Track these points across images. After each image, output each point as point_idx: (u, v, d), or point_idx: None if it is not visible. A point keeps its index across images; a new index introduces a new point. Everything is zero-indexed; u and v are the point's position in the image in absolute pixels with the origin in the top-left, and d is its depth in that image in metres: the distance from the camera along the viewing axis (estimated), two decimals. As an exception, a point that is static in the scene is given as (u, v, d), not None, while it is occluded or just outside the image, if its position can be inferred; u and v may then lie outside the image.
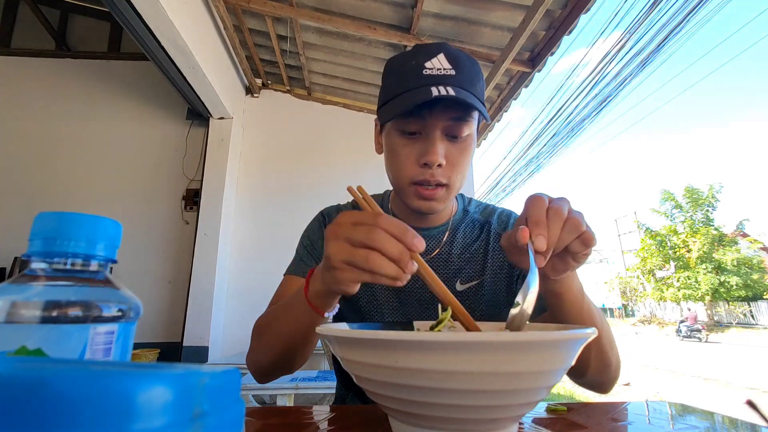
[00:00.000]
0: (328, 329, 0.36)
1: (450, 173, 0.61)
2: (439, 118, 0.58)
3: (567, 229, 0.41)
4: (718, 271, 17.24)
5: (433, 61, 0.58)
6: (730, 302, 17.55)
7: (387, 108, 0.61)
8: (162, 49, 2.06)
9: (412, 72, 0.59)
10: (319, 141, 3.27)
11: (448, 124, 0.59)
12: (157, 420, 0.12)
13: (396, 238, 0.38)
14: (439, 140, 0.59)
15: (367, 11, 2.40)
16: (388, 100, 0.62)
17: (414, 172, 0.61)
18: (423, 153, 0.59)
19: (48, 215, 0.24)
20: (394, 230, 0.38)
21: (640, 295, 23.73)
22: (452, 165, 0.61)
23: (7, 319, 0.21)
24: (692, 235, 17.98)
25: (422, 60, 0.58)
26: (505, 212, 0.77)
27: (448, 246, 0.71)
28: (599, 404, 0.52)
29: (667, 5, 4.14)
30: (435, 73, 0.57)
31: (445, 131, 0.60)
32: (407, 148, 0.61)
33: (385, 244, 0.37)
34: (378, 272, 0.38)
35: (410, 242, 0.38)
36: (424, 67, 0.58)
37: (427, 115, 0.58)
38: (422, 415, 0.32)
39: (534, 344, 0.29)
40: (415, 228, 0.71)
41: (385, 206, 0.77)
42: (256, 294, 2.84)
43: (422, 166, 0.60)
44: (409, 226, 0.38)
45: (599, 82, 5.01)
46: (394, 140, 0.63)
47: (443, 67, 0.58)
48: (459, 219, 0.75)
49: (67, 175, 3.07)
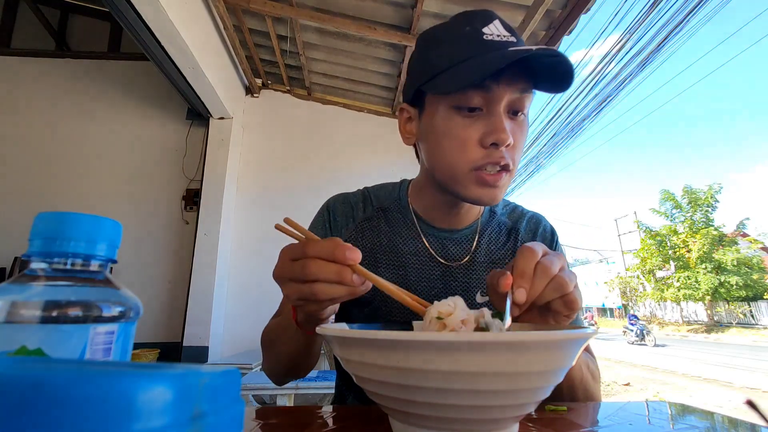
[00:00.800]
0: (328, 329, 0.36)
1: (513, 155, 0.53)
2: (506, 90, 0.51)
3: (551, 287, 0.40)
4: (718, 271, 17.24)
5: (491, 27, 0.52)
6: (730, 302, 17.55)
7: (443, 79, 0.52)
8: (162, 49, 2.06)
9: (470, 38, 0.52)
10: (319, 141, 3.27)
11: (514, 97, 0.52)
12: (157, 420, 0.12)
13: (328, 260, 0.37)
14: (505, 116, 0.52)
15: (367, 11, 2.40)
16: (439, 72, 0.53)
17: (477, 155, 0.52)
18: (490, 131, 0.51)
19: (48, 215, 0.24)
20: (324, 253, 0.37)
21: (640, 295, 23.74)
22: (515, 146, 0.53)
23: (7, 319, 0.21)
24: (692, 235, 17.98)
25: (478, 25, 0.52)
26: (536, 217, 0.71)
27: (474, 253, 0.65)
28: (599, 404, 0.52)
29: (667, 5, 4.14)
30: (496, 39, 0.51)
31: (509, 106, 0.53)
32: (469, 128, 0.52)
33: (321, 273, 0.37)
34: (330, 298, 0.38)
35: (343, 257, 0.37)
36: (483, 33, 0.51)
37: (494, 86, 0.50)
38: (423, 415, 0.32)
39: (536, 344, 0.29)
40: (438, 229, 0.66)
41: (402, 199, 0.69)
42: (256, 294, 2.84)
43: (489, 146, 0.52)
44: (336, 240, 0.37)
45: (599, 82, 5.01)
46: (449, 121, 0.54)
47: (502, 34, 0.52)
48: (486, 221, 0.68)
49: (67, 175, 3.08)
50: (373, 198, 0.70)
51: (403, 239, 0.65)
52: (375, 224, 0.67)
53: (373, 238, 0.66)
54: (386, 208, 0.69)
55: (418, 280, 0.63)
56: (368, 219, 0.68)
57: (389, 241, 0.65)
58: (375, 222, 0.67)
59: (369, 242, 0.65)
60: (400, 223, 0.67)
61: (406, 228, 0.66)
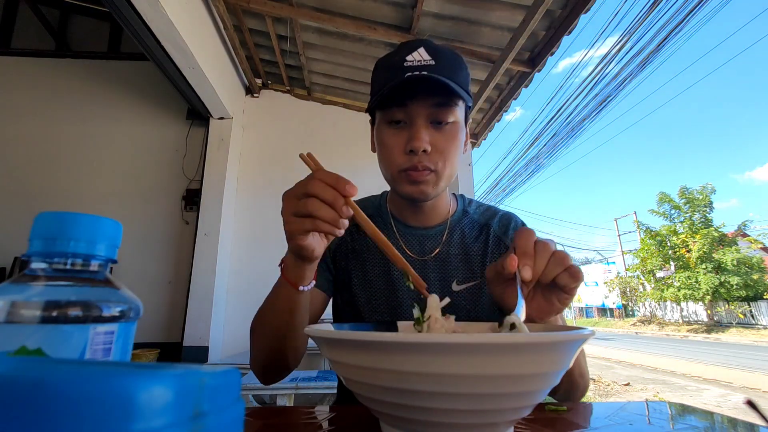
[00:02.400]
0: (314, 330, 0.35)
1: (437, 159, 0.62)
2: (421, 104, 0.60)
3: (554, 261, 0.42)
4: (718, 271, 17.23)
5: (414, 54, 0.61)
6: (730, 302, 17.54)
7: (373, 100, 0.64)
8: (162, 49, 2.06)
9: (394, 66, 0.61)
10: (320, 141, 3.27)
11: (430, 110, 0.61)
12: (157, 420, 0.12)
13: (330, 185, 0.43)
14: (423, 127, 0.61)
15: (367, 11, 2.40)
16: (375, 93, 0.64)
17: (401, 160, 0.62)
18: (408, 140, 0.61)
19: (48, 215, 0.24)
20: (328, 179, 0.43)
21: (640, 295, 23.72)
22: (439, 151, 0.62)
23: (7, 319, 0.21)
24: (692, 235, 17.98)
25: (404, 54, 0.61)
26: (507, 215, 0.76)
27: (446, 246, 0.71)
28: (599, 404, 0.52)
29: (667, 5, 4.14)
30: (415, 64, 0.60)
31: (429, 118, 0.62)
32: (394, 137, 0.63)
33: (319, 190, 0.43)
34: (316, 215, 0.43)
35: (342, 188, 0.43)
36: (405, 60, 0.61)
37: (409, 103, 0.60)
38: (414, 419, 0.31)
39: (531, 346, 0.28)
40: (413, 227, 0.73)
41: (382, 206, 0.77)
42: (256, 294, 2.83)
43: (408, 153, 0.61)
44: (342, 176, 0.43)
45: (599, 83, 5.01)
46: (382, 132, 0.64)
47: (423, 59, 0.60)
48: (458, 219, 0.75)
49: (67, 175, 3.07)
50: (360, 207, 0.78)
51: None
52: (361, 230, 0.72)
53: (360, 242, 0.74)
54: (370, 215, 0.76)
55: (400, 275, 0.70)
56: (356, 225, 0.74)
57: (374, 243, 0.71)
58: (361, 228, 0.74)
59: (357, 245, 0.73)
60: (381, 225, 0.74)
61: (386, 230, 0.73)
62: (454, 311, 0.68)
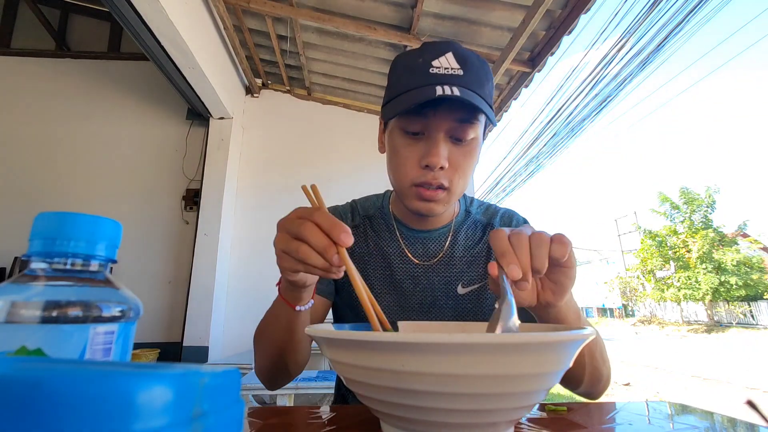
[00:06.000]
0: (314, 330, 0.36)
1: (452, 176, 0.59)
2: (444, 118, 0.56)
3: (534, 244, 0.40)
4: (718, 271, 17.22)
5: (441, 59, 0.56)
6: (730, 302, 17.53)
7: (391, 105, 0.59)
8: (162, 49, 2.06)
9: (418, 70, 0.56)
10: (319, 141, 3.27)
11: (452, 125, 0.57)
12: (156, 420, 0.12)
13: (325, 232, 0.40)
14: (443, 142, 0.57)
15: (367, 11, 2.40)
16: (392, 98, 0.59)
17: (415, 174, 0.59)
18: (425, 154, 0.57)
19: (48, 215, 0.24)
20: (324, 225, 0.40)
21: (640, 296, 23.71)
22: (455, 168, 0.59)
23: (7, 319, 0.21)
24: (692, 235, 17.97)
25: (429, 58, 0.56)
26: (508, 213, 0.75)
27: (450, 249, 0.70)
28: (599, 404, 0.52)
29: (667, 5, 4.14)
30: (442, 72, 0.55)
31: (449, 133, 0.58)
32: (409, 148, 0.59)
33: (312, 237, 0.40)
34: (306, 262, 0.40)
35: (337, 236, 0.39)
36: (431, 65, 0.56)
37: (431, 115, 0.56)
38: (414, 419, 0.31)
39: (531, 346, 0.28)
40: (416, 231, 0.71)
41: (384, 207, 0.75)
42: (256, 294, 2.84)
43: (424, 167, 0.58)
44: (339, 222, 0.40)
45: (599, 83, 5.01)
46: (396, 140, 0.61)
47: (451, 66, 0.56)
48: (461, 221, 0.73)
49: (67, 175, 3.07)
50: (360, 208, 0.77)
51: (386, 243, 0.71)
52: (362, 231, 0.73)
53: (361, 244, 0.72)
54: (371, 216, 0.75)
55: (403, 279, 0.69)
56: (356, 227, 0.74)
57: (375, 245, 0.71)
58: (362, 229, 0.73)
59: (358, 248, 0.71)
60: (383, 228, 0.73)
61: (388, 232, 0.72)
62: (459, 314, 0.68)
